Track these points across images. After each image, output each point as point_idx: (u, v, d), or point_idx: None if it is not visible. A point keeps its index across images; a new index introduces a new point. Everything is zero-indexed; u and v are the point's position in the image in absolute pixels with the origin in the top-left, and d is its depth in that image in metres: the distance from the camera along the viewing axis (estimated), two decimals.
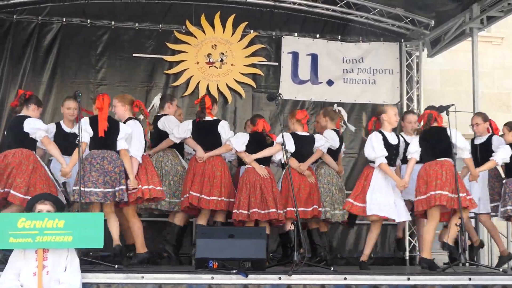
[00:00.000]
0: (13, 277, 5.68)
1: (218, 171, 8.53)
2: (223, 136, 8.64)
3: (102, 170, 7.37)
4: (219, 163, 8.59)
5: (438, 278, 7.08)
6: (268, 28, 11.69)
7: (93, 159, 7.39)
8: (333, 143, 8.98)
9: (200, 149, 8.57)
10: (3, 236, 5.50)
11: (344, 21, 11.85)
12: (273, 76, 11.64)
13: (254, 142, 8.63)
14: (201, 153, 8.54)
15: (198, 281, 6.60)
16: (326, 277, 6.89)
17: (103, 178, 7.35)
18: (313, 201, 8.57)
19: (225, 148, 8.62)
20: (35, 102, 7.85)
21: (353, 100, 11.75)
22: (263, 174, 8.44)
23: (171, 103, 9.22)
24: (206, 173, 8.45)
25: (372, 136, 8.22)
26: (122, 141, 7.59)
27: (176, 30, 11.31)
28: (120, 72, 11.13)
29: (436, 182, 7.79)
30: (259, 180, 8.43)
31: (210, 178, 8.45)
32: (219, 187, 8.47)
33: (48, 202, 6.06)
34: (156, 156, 8.87)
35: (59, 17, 10.98)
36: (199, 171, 8.46)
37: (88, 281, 6.28)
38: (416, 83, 12.02)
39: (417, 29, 11.82)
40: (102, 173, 7.36)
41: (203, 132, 8.68)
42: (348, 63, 11.86)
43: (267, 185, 8.42)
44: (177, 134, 8.72)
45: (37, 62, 10.88)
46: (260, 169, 8.46)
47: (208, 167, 8.49)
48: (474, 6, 10.65)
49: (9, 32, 10.83)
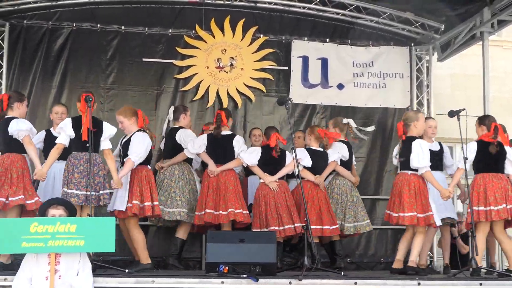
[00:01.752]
0: (26, 281, 5.74)
1: (231, 185, 8.63)
2: (236, 150, 8.75)
3: (85, 172, 7.35)
4: (232, 178, 8.71)
5: (449, 283, 7.12)
6: (278, 32, 11.70)
7: (76, 160, 7.40)
8: (344, 154, 9.10)
9: (212, 163, 8.69)
10: (16, 241, 5.56)
11: (354, 25, 11.84)
12: (283, 80, 11.65)
13: (266, 155, 8.73)
14: (213, 167, 8.65)
15: (208, 286, 6.66)
16: (337, 282, 6.95)
17: (86, 181, 7.33)
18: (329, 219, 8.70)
19: (236, 162, 8.75)
20: (16, 100, 7.83)
21: (363, 104, 11.75)
22: (274, 189, 8.57)
23: (185, 114, 9.35)
24: (221, 188, 8.59)
25: (421, 144, 8.05)
26: (106, 141, 7.64)
27: (186, 34, 11.35)
28: (130, 76, 11.16)
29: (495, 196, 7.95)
30: (273, 196, 8.56)
31: (225, 192, 8.57)
32: (232, 200, 8.55)
33: (61, 207, 6.13)
34: (170, 169, 8.95)
35: (69, 22, 11.04)
36: (213, 186, 8.61)
37: (99, 285, 6.34)
38: (426, 87, 11.99)
39: (427, 33, 11.82)
40: (85, 176, 7.34)
41: (216, 145, 8.80)
42: (358, 67, 11.87)
43: (281, 200, 8.55)
44: (192, 150, 8.82)
45: (47, 67, 10.93)
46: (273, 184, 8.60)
47: (222, 182, 8.61)
48: (484, 10, 10.63)
49: (19, 37, 10.89)
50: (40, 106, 10.62)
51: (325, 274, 7.46)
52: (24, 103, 7.96)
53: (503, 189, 8.04)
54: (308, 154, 8.70)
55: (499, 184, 8.04)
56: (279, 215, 8.48)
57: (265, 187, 8.62)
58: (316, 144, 8.95)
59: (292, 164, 8.35)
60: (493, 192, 8.00)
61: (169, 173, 8.90)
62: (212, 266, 7.05)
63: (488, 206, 7.95)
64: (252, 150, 8.87)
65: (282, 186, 8.70)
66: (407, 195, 7.95)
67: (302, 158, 8.60)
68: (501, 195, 7.99)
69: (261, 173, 8.67)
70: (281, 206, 8.52)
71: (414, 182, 7.97)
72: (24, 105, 7.92)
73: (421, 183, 7.98)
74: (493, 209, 7.94)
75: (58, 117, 8.77)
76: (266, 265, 7.09)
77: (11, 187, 7.38)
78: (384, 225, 10.56)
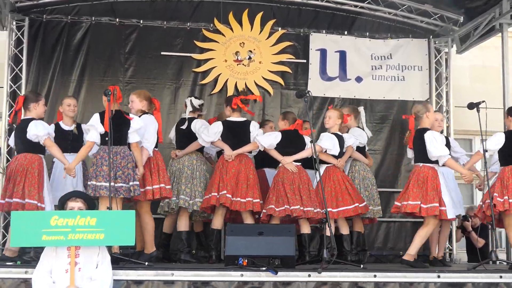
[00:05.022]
0: (45, 274, 5.76)
1: (252, 174, 8.57)
2: (253, 134, 8.63)
3: (114, 164, 7.38)
4: (252, 167, 8.64)
5: (469, 276, 7.06)
6: (296, 25, 11.67)
7: (105, 153, 7.41)
8: (361, 140, 9.10)
9: (228, 147, 8.56)
10: (36, 234, 5.58)
11: (372, 17, 11.81)
12: (302, 73, 11.64)
13: (287, 140, 8.62)
14: (229, 151, 8.52)
15: (228, 278, 6.64)
16: (356, 275, 6.90)
17: (115, 173, 7.39)
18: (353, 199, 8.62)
19: (253, 146, 8.61)
20: (31, 100, 7.89)
21: (382, 97, 11.71)
22: (292, 169, 8.46)
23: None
24: (241, 175, 8.48)
25: (433, 134, 8.05)
26: (133, 134, 7.65)
27: (204, 28, 11.36)
28: (148, 70, 11.20)
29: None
30: (293, 177, 8.46)
31: (245, 180, 8.48)
32: (253, 188, 8.48)
33: (80, 200, 6.14)
34: (187, 158, 8.94)
35: (88, 16, 11.09)
36: (231, 172, 8.46)
37: (119, 277, 6.35)
38: (445, 80, 11.93)
39: (446, 25, 11.76)
40: (113, 168, 7.37)
41: (233, 132, 8.66)
42: (377, 59, 11.83)
43: (302, 182, 8.47)
44: (207, 138, 8.68)
45: (66, 61, 10.99)
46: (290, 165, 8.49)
47: (242, 170, 8.51)
48: (504, 1, 10.56)
49: (39, 32, 10.95)
50: (59, 100, 10.54)
51: (344, 267, 7.47)
52: (41, 102, 7.97)
53: None
54: (336, 142, 8.56)
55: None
56: (300, 195, 8.37)
57: (284, 170, 8.49)
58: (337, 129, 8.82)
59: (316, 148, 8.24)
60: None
61: (186, 162, 8.90)
62: (232, 259, 7.05)
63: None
64: (270, 133, 8.80)
65: (302, 170, 8.60)
66: (413, 184, 7.95)
67: (330, 148, 8.54)
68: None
69: (278, 155, 8.53)
70: (302, 188, 8.42)
71: (423, 173, 7.95)
72: (40, 105, 7.94)
73: (430, 175, 7.93)
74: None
75: (71, 110, 8.84)
76: (285, 258, 7.07)
77: (26, 188, 7.52)
78: (402, 218, 10.50)
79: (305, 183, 8.49)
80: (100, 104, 9.68)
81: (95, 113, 7.62)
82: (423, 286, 6.88)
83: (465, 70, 13.37)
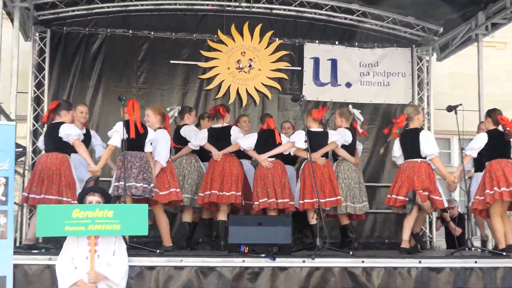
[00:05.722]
0: (68, 260, 5.82)
1: (235, 169, 8.67)
2: (232, 137, 8.77)
3: (141, 168, 7.49)
4: (236, 164, 8.74)
5: (448, 261, 7.12)
6: (291, 36, 11.72)
7: (132, 158, 7.48)
8: (346, 139, 8.86)
9: (214, 150, 8.76)
10: (60, 225, 5.63)
11: (361, 29, 11.85)
12: (297, 80, 11.68)
13: (263, 139, 8.70)
14: (216, 152, 8.72)
15: (231, 264, 6.71)
16: (346, 260, 6.97)
17: (142, 175, 7.47)
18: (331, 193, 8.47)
19: (234, 147, 8.73)
20: (63, 108, 7.94)
21: (369, 101, 11.74)
22: (266, 165, 8.51)
23: (190, 114, 9.44)
24: (226, 172, 8.61)
25: (428, 134, 8.13)
26: (148, 144, 7.73)
27: (209, 39, 11.40)
28: (158, 77, 11.24)
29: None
30: (270, 172, 8.48)
31: (229, 176, 8.60)
32: (236, 183, 8.59)
33: (97, 194, 6.18)
34: (180, 160, 9.05)
35: (104, 28, 11.14)
36: (218, 170, 8.62)
37: (133, 264, 6.45)
38: (426, 85, 11.96)
39: (427, 35, 11.81)
40: (141, 171, 7.47)
41: (218, 136, 8.85)
42: (365, 67, 11.86)
43: (277, 177, 8.47)
44: (195, 142, 8.92)
45: (85, 69, 11.03)
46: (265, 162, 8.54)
47: (227, 167, 8.64)
48: (479, 14, 10.64)
49: (60, 42, 11.00)
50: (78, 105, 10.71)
51: (335, 253, 7.50)
52: (71, 112, 8.06)
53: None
54: (302, 136, 8.21)
55: None
56: (275, 189, 8.41)
57: (261, 166, 8.54)
58: (315, 125, 8.65)
59: (286, 144, 8.46)
60: (509, 174, 7.83)
61: (179, 164, 9.01)
62: (234, 246, 7.10)
63: (511, 186, 7.76)
64: (248, 135, 8.87)
65: (279, 165, 8.59)
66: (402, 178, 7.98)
67: (295, 140, 8.47)
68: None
69: (255, 154, 8.64)
70: (276, 181, 8.44)
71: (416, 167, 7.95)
72: (70, 114, 8.01)
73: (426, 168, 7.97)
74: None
75: (83, 116, 8.81)
76: (282, 246, 7.13)
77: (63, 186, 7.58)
78: (387, 209, 10.54)
79: (279, 177, 8.50)
80: (115, 108, 9.83)
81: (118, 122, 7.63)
82: (406, 270, 6.93)
83: (444, 76, 13.39)
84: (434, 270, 6.97)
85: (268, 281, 6.69)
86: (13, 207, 6.63)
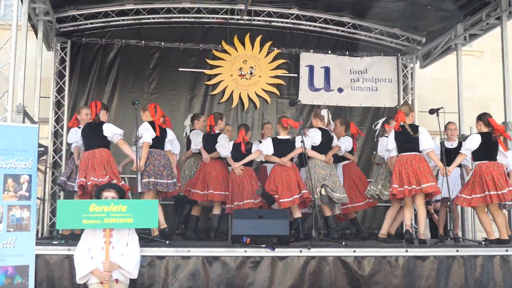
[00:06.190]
0: (86, 251, 5.73)
1: (215, 171, 8.92)
2: (216, 145, 8.90)
3: (166, 165, 7.63)
4: (218, 166, 8.99)
5: (432, 250, 7.03)
6: (289, 46, 11.68)
7: (159, 156, 7.64)
8: (314, 140, 8.51)
9: (205, 153, 9.01)
10: (78, 218, 5.55)
11: (351, 39, 11.81)
12: (293, 85, 11.62)
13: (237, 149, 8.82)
14: (206, 155, 8.98)
15: (234, 254, 6.64)
16: (339, 250, 6.89)
17: (167, 171, 7.58)
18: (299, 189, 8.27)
19: (217, 153, 8.91)
20: (103, 108, 7.94)
21: (359, 104, 11.70)
22: (238, 173, 8.73)
23: (198, 120, 9.53)
24: (207, 173, 8.92)
25: (425, 130, 7.90)
26: (168, 143, 7.88)
27: (214, 48, 11.36)
28: (168, 83, 11.19)
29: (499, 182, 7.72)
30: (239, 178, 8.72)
31: (209, 176, 8.88)
32: (214, 183, 8.83)
33: (113, 190, 6.10)
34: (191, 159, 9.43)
35: (119, 39, 11.10)
36: (204, 171, 8.96)
37: (145, 254, 6.38)
38: (410, 90, 11.93)
39: (411, 45, 11.75)
40: (166, 168, 7.61)
41: (210, 142, 9.02)
42: (355, 74, 11.81)
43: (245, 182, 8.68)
44: (194, 146, 9.22)
45: (101, 76, 10.99)
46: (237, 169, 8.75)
47: (208, 169, 8.95)
48: (458, 25, 10.60)
49: (79, 52, 10.97)
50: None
51: (329, 243, 7.42)
52: (108, 113, 8.13)
53: (503, 175, 7.83)
54: (269, 144, 8.33)
55: (499, 171, 7.81)
56: (241, 192, 8.62)
57: (233, 172, 8.78)
58: (284, 132, 8.46)
59: (256, 153, 8.56)
60: (497, 178, 7.72)
61: (192, 163, 9.42)
62: (237, 237, 7.02)
63: (500, 190, 7.66)
64: (226, 145, 8.89)
65: (248, 171, 8.79)
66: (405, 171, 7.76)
67: (263, 149, 8.44)
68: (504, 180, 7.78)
69: (231, 161, 8.79)
70: (243, 186, 8.63)
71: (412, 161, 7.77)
72: (107, 114, 8.05)
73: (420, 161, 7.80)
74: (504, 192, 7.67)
75: (88, 118, 8.55)
76: (281, 237, 7.05)
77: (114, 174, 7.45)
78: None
79: (248, 181, 8.69)
80: (129, 111, 9.76)
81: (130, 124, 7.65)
82: (394, 258, 6.86)
83: (427, 82, 13.32)
84: (420, 258, 6.90)
85: (268, 269, 6.62)
86: (36, 201, 6.56)
